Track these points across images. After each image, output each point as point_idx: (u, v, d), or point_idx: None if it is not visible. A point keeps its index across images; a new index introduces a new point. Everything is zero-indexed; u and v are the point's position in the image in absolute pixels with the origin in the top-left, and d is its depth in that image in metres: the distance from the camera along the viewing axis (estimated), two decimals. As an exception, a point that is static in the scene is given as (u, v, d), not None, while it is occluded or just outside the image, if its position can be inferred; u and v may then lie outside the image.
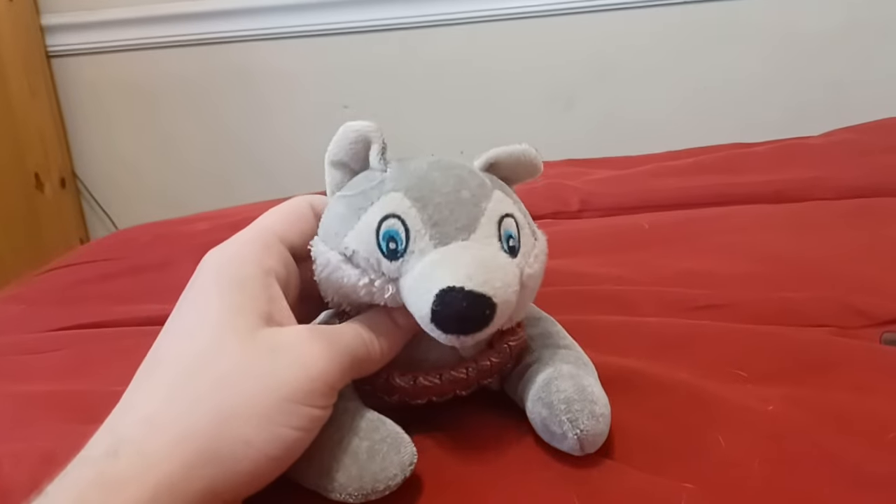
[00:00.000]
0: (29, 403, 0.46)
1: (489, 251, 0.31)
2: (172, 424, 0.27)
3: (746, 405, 0.36)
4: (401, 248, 0.31)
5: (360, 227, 0.32)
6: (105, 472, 0.26)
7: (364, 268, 0.32)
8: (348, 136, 0.33)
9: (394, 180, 0.33)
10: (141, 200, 1.68)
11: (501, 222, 0.33)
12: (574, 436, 0.32)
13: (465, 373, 0.34)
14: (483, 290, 0.29)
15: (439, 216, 0.31)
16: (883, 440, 0.33)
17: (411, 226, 0.31)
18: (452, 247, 0.31)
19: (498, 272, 0.30)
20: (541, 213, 0.74)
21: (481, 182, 0.33)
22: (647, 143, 1.04)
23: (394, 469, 0.30)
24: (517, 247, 0.33)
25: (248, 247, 0.33)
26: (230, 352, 0.29)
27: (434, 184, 0.32)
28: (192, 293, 0.32)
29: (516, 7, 1.48)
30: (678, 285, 0.52)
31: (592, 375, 0.35)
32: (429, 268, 0.30)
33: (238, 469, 0.27)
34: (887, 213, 0.63)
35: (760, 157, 0.82)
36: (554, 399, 0.33)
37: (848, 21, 1.41)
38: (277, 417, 0.28)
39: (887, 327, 0.44)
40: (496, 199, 0.33)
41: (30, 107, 1.54)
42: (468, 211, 0.32)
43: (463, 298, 0.29)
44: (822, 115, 1.31)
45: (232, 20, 1.55)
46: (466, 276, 0.29)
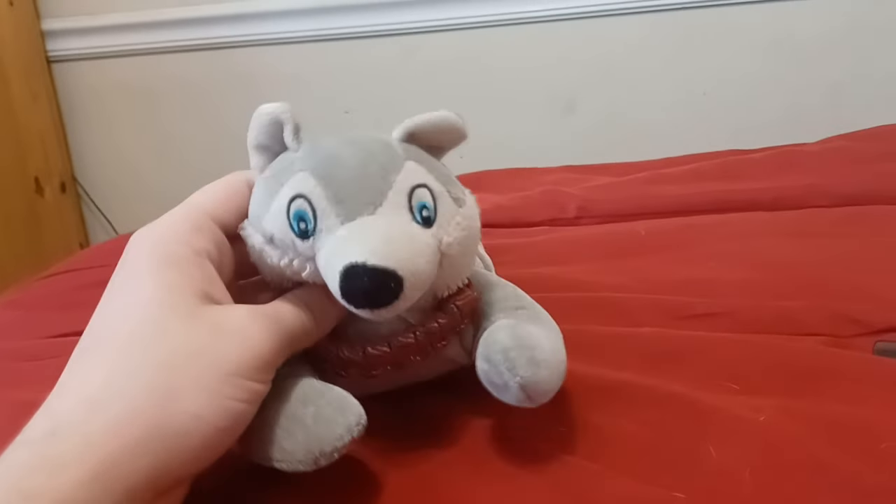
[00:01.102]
0: (27, 410, 0.46)
1: (396, 223, 0.31)
2: (113, 404, 0.27)
3: (738, 415, 0.36)
4: (310, 227, 0.32)
5: (274, 209, 0.33)
6: (45, 454, 0.26)
7: (282, 248, 0.32)
8: (261, 120, 0.34)
9: (302, 160, 0.33)
10: (141, 205, 1.68)
11: (413, 193, 0.32)
12: (515, 384, 0.32)
13: (413, 337, 0.34)
14: (386, 265, 0.29)
15: (344, 192, 0.32)
16: (875, 450, 0.33)
17: (317, 204, 0.32)
18: (357, 222, 0.31)
19: (403, 244, 0.30)
20: (537, 220, 0.75)
21: (392, 154, 0.34)
22: (646, 147, 1.04)
23: (340, 430, 0.30)
24: (432, 217, 0.33)
25: (178, 226, 0.33)
26: (172, 330, 0.29)
27: (340, 160, 0.33)
28: (122, 273, 0.32)
29: (516, 12, 1.48)
30: (674, 293, 0.52)
31: (543, 327, 0.35)
32: (334, 245, 0.31)
33: (189, 444, 0.28)
34: (883, 221, 0.63)
35: (757, 165, 0.82)
36: (491, 351, 0.33)
37: (845, 25, 1.42)
38: (225, 390, 0.29)
39: (881, 336, 0.44)
40: (407, 170, 0.33)
41: (30, 111, 1.54)
42: (374, 184, 0.32)
43: (364, 273, 0.29)
44: (819, 119, 1.31)
45: (232, 25, 1.56)
46: (370, 250, 0.29)
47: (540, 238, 0.68)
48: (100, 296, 0.69)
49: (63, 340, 0.59)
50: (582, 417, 0.36)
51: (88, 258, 0.80)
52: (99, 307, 0.32)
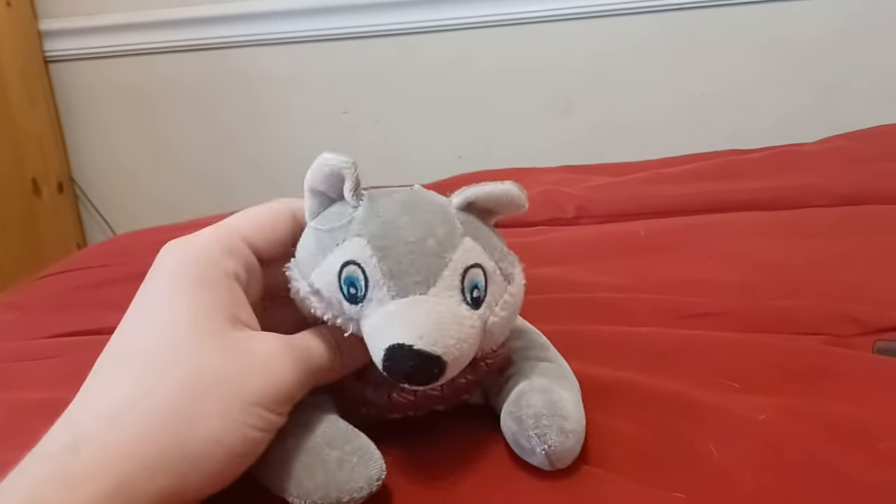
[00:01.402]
0: (23, 411, 0.46)
1: (446, 307, 0.31)
2: (135, 422, 0.27)
3: (739, 414, 0.36)
4: (360, 294, 0.32)
5: (324, 267, 0.32)
6: (64, 467, 0.26)
7: (328, 304, 0.32)
8: (323, 169, 0.33)
9: (360, 223, 0.32)
10: (139, 206, 1.68)
11: (466, 273, 0.32)
12: (542, 451, 0.32)
13: (439, 390, 0.34)
14: (432, 350, 0.29)
15: (399, 268, 0.31)
16: (875, 449, 0.33)
17: (370, 275, 0.31)
18: (408, 300, 0.31)
19: (451, 329, 0.30)
20: (536, 220, 0.75)
21: (451, 229, 0.33)
22: (643, 148, 1.04)
23: (360, 482, 0.31)
24: (482, 297, 0.32)
25: (211, 247, 0.33)
26: (199, 353, 0.29)
27: (399, 231, 0.32)
28: (155, 289, 0.32)
29: (514, 13, 1.48)
30: (673, 293, 0.52)
31: (569, 390, 0.35)
32: (383, 321, 0.31)
33: (206, 467, 0.28)
34: (881, 221, 0.63)
35: (755, 164, 0.82)
36: (524, 413, 0.33)
37: (841, 26, 1.42)
38: (244, 419, 0.29)
39: (881, 335, 0.44)
40: (464, 249, 0.33)
41: (28, 112, 1.54)
42: (430, 263, 0.32)
43: (410, 358, 0.29)
44: (817, 119, 1.31)
45: (229, 26, 1.55)
46: (417, 335, 0.29)
47: (539, 238, 0.68)
48: (97, 297, 0.69)
49: (60, 341, 0.58)
50: (582, 417, 0.35)
51: (86, 259, 0.80)
52: (126, 320, 0.32)
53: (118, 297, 0.67)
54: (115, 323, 0.64)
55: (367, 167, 0.35)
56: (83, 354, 0.55)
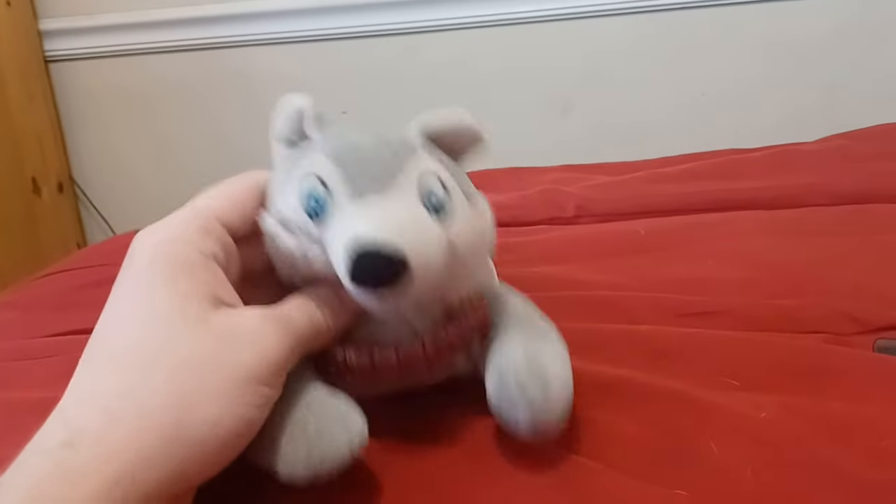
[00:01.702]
0: (23, 410, 0.46)
1: (406, 204, 0.31)
2: (130, 414, 0.27)
3: (739, 412, 0.36)
4: (322, 204, 0.32)
5: (287, 189, 0.33)
6: (64, 463, 0.26)
7: (294, 231, 0.32)
8: (284, 110, 0.35)
9: (319, 144, 0.34)
10: (138, 205, 1.68)
11: (423, 179, 0.32)
12: (526, 417, 0.32)
13: (421, 346, 0.34)
14: (394, 240, 0.29)
15: (355, 171, 0.32)
16: (876, 447, 0.33)
17: (328, 182, 0.32)
18: (366, 199, 0.31)
19: (412, 225, 0.31)
20: (536, 219, 0.75)
21: (407, 143, 0.34)
22: (643, 148, 1.04)
23: (342, 448, 0.30)
24: (443, 207, 0.32)
25: (185, 228, 0.32)
26: (185, 339, 0.29)
27: (356, 144, 0.33)
28: (129, 277, 0.32)
29: (514, 13, 1.48)
30: (673, 292, 0.52)
31: (553, 344, 0.35)
32: (342, 222, 0.31)
33: (205, 450, 0.28)
34: (881, 220, 0.63)
35: (755, 164, 0.83)
36: (505, 382, 0.33)
37: (840, 26, 1.42)
38: (239, 397, 0.29)
39: (881, 334, 0.44)
40: (419, 157, 0.33)
41: (27, 111, 1.54)
42: (386, 167, 0.32)
43: (371, 245, 0.29)
44: (815, 120, 1.31)
45: (229, 25, 1.55)
46: (376, 226, 0.30)
47: (539, 237, 0.68)
48: (97, 296, 0.69)
49: (60, 340, 0.58)
50: (582, 415, 0.36)
51: (85, 258, 0.80)
52: (107, 311, 0.31)
53: (118, 295, 0.67)
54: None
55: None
56: (82, 354, 0.55)
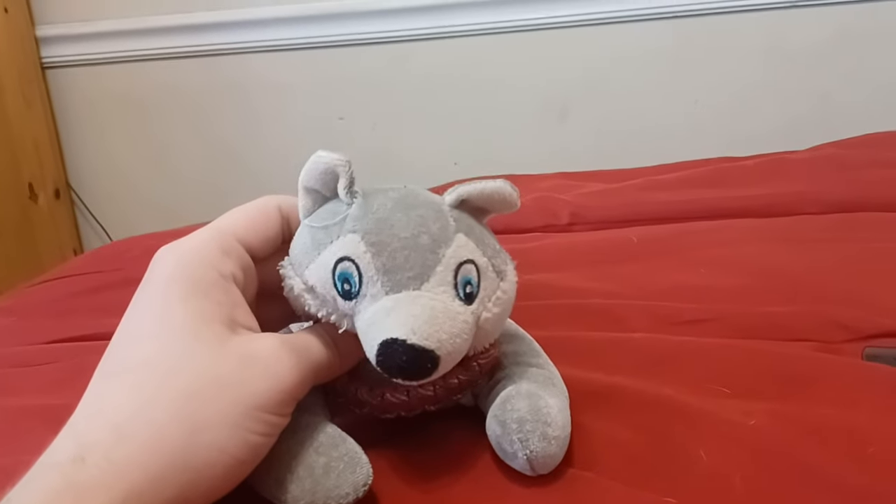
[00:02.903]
0: (19, 417, 0.46)
1: (440, 301, 0.31)
2: (141, 433, 0.27)
3: (729, 419, 0.36)
4: (354, 290, 0.32)
5: (319, 263, 0.33)
6: (73, 478, 0.26)
7: (322, 301, 0.33)
8: (318, 167, 0.34)
9: (355, 220, 0.33)
10: (135, 211, 1.68)
11: (459, 269, 0.32)
12: (524, 456, 0.32)
13: (432, 390, 0.35)
14: (425, 344, 0.29)
15: (392, 263, 0.31)
16: (864, 454, 0.34)
17: (364, 271, 0.32)
18: (402, 295, 0.31)
19: (445, 324, 0.30)
20: (531, 227, 0.75)
21: (444, 224, 0.33)
22: (639, 156, 1.05)
23: (347, 488, 0.31)
24: (475, 293, 0.33)
25: (205, 249, 0.33)
26: (200, 361, 0.29)
27: (393, 227, 0.32)
28: (149, 294, 0.32)
29: (510, 20, 1.49)
30: (666, 299, 0.52)
31: (557, 396, 0.36)
32: (376, 316, 0.31)
33: (210, 475, 0.28)
34: (872, 228, 0.64)
35: (748, 172, 0.83)
36: (508, 418, 0.33)
37: (835, 35, 1.43)
38: (247, 424, 0.29)
39: (870, 342, 0.45)
40: (457, 245, 0.33)
41: (24, 118, 1.54)
42: (424, 258, 0.32)
43: (404, 352, 0.29)
44: (810, 128, 1.32)
45: (225, 33, 1.56)
46: (410, 329, 0.30)
47: (533, 244, 0.69)
48: (93, 302, 0.69)
49: (57, 347, 0.59)
50: (574, 422, 0.36)
51: (82, 264, 0.80)
52: (124, 327, 0.32)
53: (115, 302, 0.67)
54: (112, 329, 0.64)
55: (364, 173, 0.35)
56: (80, 360, 0.55)
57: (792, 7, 1.43)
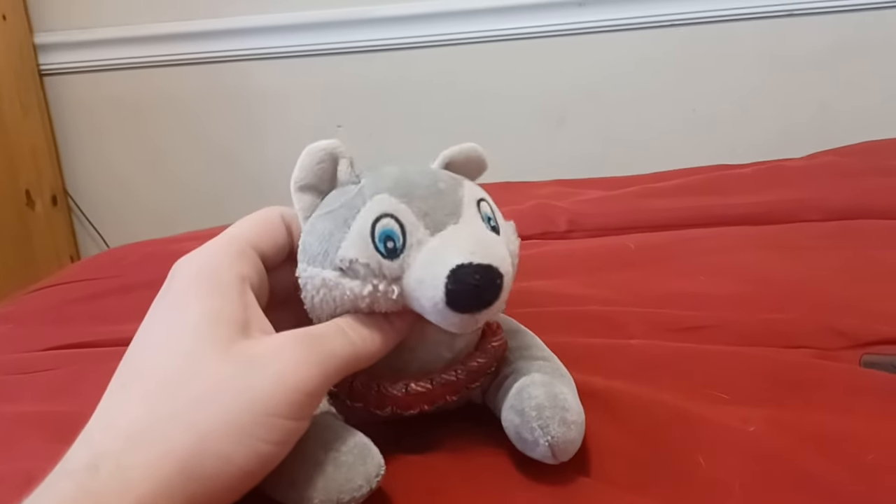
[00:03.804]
0: (15, 424, 0.46)
1: (477, 227, 0.33)
2: (152, 440, 0.27)
3: (728, 426, 0.36)
4: (398, 244, 0.32)
5: (353, 235, 0.32)
6: (86, 486, 0.26)
7: (364, 275, 0.32)
8: (315, 157, 0.34)
9: (372, 186, 0.33)
10: (132, 219, 1.68)
11: (479, 205, 0.34)
12: (545, 442, 0.32)
13: (454, 375, 0.35)
14: (490, 262, 0.31)
15: (427, 206, 0.32)
16: (862, 461, 0.34)
17: (405, 220, 0.32)
18: (447, 231, 0.32)
19: (490, 243, 0.32)
20: (529, 234, 0.75)
21: (450, 174, 0.35)
22: (636, 164, 1.05)
23: (359, 480, 0.30)
24: (497, 226, 0.35)
25: (223, 253, 0.33)
26: (207, 366, 0.29)
27: (412, 181, 0.33)
28: (167, 299, 0.32)
29: (508, 29, 1.50)
30: (664, 306, 0.52)
31: (567, 385, 0.36)
32: (432, 254, 0.31)
33: (217, 486, 0.27)
34: (870, 235, 0.64)
35: (746, 179, 0.83)
36: (525, 406, 0.34)
37: (834, 43, 1.44)
38: (256, 432, 0.28)
39: (868, 349, 0.45)
40: (468, 187, 0.35)
41: (22, 124, 1.54)
42: (450, 198, 0.33)
43: (475, 271, 0.30)
44: (809, 136, 1.32)
45: (224, 40, 1.56)
46: (470, 252, 0.31)
47: (531, 252, 0.69)
48: (90, 309, 0.69)
49: (54, 354, 0.58)
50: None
51: (77, 272, 0.80)
52: (141, 333, 0.31)
53: (112, 309, 0.67)
54: (109, 335, 0.64)
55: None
56: (77, 367, 0.55)
57: (790, 16, 1.43)
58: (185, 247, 0.83)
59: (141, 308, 0.42)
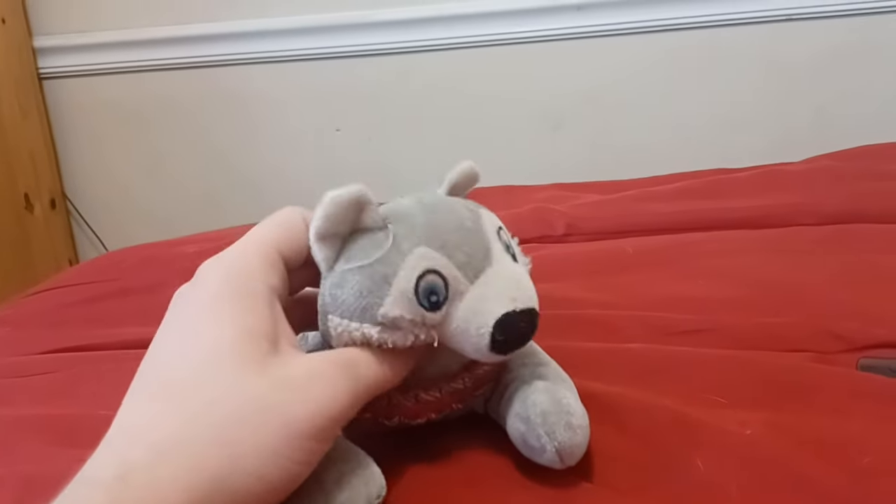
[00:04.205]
0: (14, 427, 0.46)
1: (510, 268, 0.33)
2: (182, 456, 0.27)
3: (726, 429, 0.36)
4: (441, 298, 0.32)
5: (396, 293, 0.31)
6: (117, 498, 0.26)
7: (407, 329, 0.32)
8: (342, 205, 0.32)
9: (406, 237, 0.32)
10: (131, 222, 1.68)
11: (499, 234, 0.35)
12: (552, 448, 0.33)
13: (462, 383, 0.35)
14: (531, 305, 0.32)
15: (464, 255, 0.32)
16: (859, 465, 0.34)
17: (447, 274, 0.32)
18: (486, 277, 0.32)
19: (524, 283, 0.33)
20: (527, 237, 0.75)
21: (466, 205, 0.35)
22: (634, 169, 1.05)
23: (360, 500, 0.31)
24: (514, 252, 0.35)
25: (253, 260, 0.32)
26: (242, 384, 0.29)
27: (442, 226, 0.33)
28: (197, 307, 0.31)
29: (506, 33, 1.50)
30: (661, 310, 0.52)
31: (570, 390, 0.36)
32: (474, 304, 0.32)
33: (245, 501, 0.27)
34: (866, 239, 0.64)
35: (743, 183, 0.83)
36: (530, 413, 0.34)
37: (831, 49, 1.44)
38: (286, 452, 0.28)
39: (865, 352, 0.45)
40: (485, 217, 0.35)
41: (21, 128, 1.54)
42: (479, 238, 0.33)
43: (520, 320, 0.32)
44: (806, 141, 1.33)
45: (221, 44, 1.56)
46: (512, 299, 0.32)
47: (529, 255, 0.69)
48: (89, 313, 0.69)
49: (52, 357, 0.58)
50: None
51: (76, 275, 0.80)
52: (166, 339, 0.31)
53: (110, 313, 0.67)
54: (107, 339, 0.64)
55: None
56: (75, 371, 0.55)
57: (788, 20, 1.44)
58: (183, 250, 0.83)
59: (139, 311, 0.43)
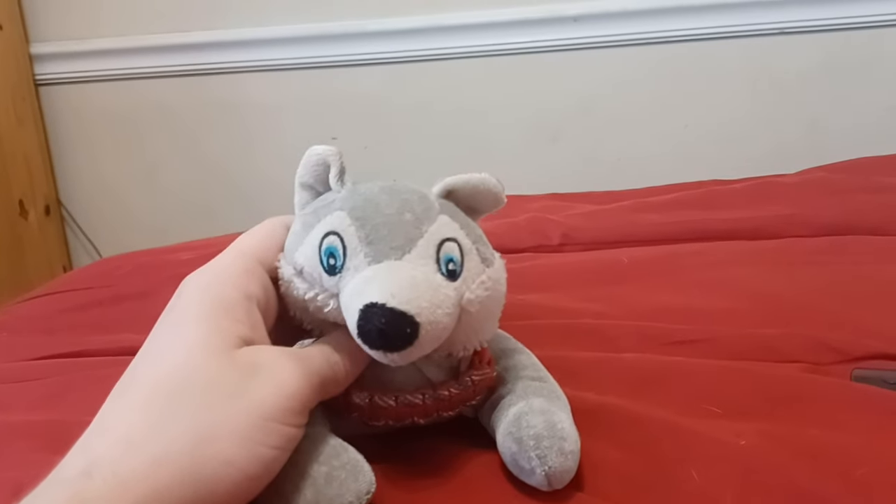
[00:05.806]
0: (5, 433, 0.46)
1: (421, 271, 0.32)
2: (149, 445, 0.27)
3: (720, 439, 0.36)
4: (339, 264, 0.32)
5: (307, 243, 0.34)
6: (80, 493, 0.26)
7: (310, 282, 0.33)
8: (311, 159, 0.36)
9: (342, 200, 0.34)
10: (125, 229, 1.68)
11: (441, 246, 0.33)
12: (542, 472, 0.32)
13: (420, 399, 0.35)
14: (405, 308, 0.30)
15: (375, 235, 0.33)
16: (853, 476, 0.34)
17: (348, 243, 0.33)
18: (383, 265, 0.32)
19: (425, 292, 0.31)
20: (522, 247, 0.75)
21: (428, 206, 0.34)
22: (629, 180, 1.06)
23: (350, 496, 0.31)
24: (458, 271, 0.33)
25: (230, 270, 0.33)
26: (205, 370, 0.29)
27: (378, 205, 0.34)
28: (172, 315, 0.32)
29: (502, 44, 1.50)
30: (656, 320, 0.53)
31: (564, 410, 0.36)
32: (357, 285, 0.31)
33: (219, 489, 0.27)
34: (860, 251, 0.64)
35: (738, 195, 0.84)
36: (524, 434, 0.33)
37: (824, 61, 1.45)
38: (257, 436, 0.28)
39: (859, 363, 0.45)
40: (440, 223, 0.34)
41: (16, 134, 1.53)
42: (406, 232, 0.33)
43: (383, 315, 0.30)
44: (799, 153, 1.33)
45: (217, 52, 1.56)
46: (391, 293, 0.30)
47: (524, 265, 0.69)
48: (83, 319, 0.69)
49: (45, 363, 0.58)
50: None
51: (70, 282, 0.80)
52: (145, 346, 0.32)
53: (104, 319, 0.67)
54: (100, 345, 0.64)
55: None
56: (68, 377, 0.55)
57: (781, 33, 1.45)
58: (177, 257, 0.83)
59: (132, 318, 0.42)
